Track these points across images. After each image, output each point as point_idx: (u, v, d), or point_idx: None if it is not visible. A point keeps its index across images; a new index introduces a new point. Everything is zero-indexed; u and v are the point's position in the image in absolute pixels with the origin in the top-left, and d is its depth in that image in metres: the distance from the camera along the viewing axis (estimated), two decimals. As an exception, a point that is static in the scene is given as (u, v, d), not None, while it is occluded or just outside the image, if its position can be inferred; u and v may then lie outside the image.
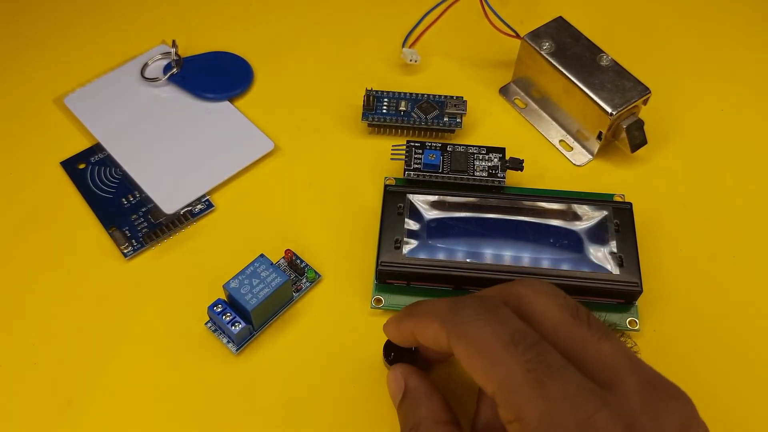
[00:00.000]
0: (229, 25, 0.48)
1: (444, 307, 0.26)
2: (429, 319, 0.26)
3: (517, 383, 0.22)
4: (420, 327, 0.27)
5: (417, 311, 0.27)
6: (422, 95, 0.43)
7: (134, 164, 0.41)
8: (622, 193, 0.39)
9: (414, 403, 0.28)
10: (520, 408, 0.22)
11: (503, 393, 0.22)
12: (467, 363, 0.24)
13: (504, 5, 0.49)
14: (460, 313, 0.25)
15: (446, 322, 0.25)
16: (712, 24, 0.50)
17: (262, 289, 0.33)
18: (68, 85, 0.45)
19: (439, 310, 0.26)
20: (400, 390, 0.29)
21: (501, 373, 0.22)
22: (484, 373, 0.23)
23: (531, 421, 0.21)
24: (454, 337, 0.24)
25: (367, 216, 0.39)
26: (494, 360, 0.23)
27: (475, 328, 0.24)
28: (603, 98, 0.39)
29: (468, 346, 0.24)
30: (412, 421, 0.27)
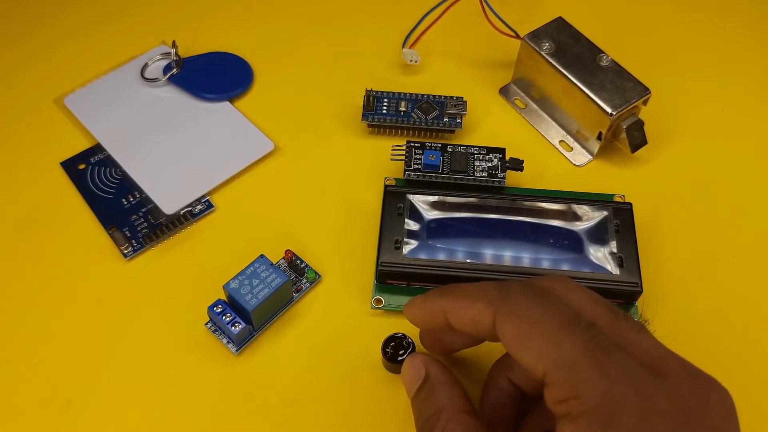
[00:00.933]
0: (229, 25, 0.48)
1: (490, 288, 0.26)
2: (471, 298, 0.26)
3: (575, 362, 0.22)
4: (459, 306, 0.26)
5: (455, 291, 0.27)
6: (422, 95, 0.43)
7: (134, 164, 0.41)
8: (622, 193, 0.39)
9: (435, 390, 0.27)
10: (579, 386, 0.21)
11: (559, 371, 0.22)
12: (516, 343, 0.23)
13: (504, 5, 0.49)
14: (510, 294, 0.25)
15: (494, 302, 0.25)
16: (712, 24, 0.50)
17: (262, 289, 0.33)
18: (68, 85, 0.45)
19: (484, 290, 0.26)
20: (420, 377, 0.28)
21: (557, 351, 0.22)
22: (537, 351, 0.23)
23: (591, 399, 0.21)
24: (504, 317, 0.24)
25: (367, 216, 0.39)
26: (550, 338, 0.23)
27: (527, 308, 0.24)
28: (603, 98, 0.39)
29: (520, 324, 0.24)
30: (433, 407, 0.27)
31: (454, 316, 0.26)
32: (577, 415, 0.21)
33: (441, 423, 0.26)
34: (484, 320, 0.25)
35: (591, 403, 0.21)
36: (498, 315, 0.24)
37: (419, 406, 0.28)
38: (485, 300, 0.25)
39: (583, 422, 0.21)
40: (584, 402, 0.21)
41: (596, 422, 0.21)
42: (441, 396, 0.27)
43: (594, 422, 0.21)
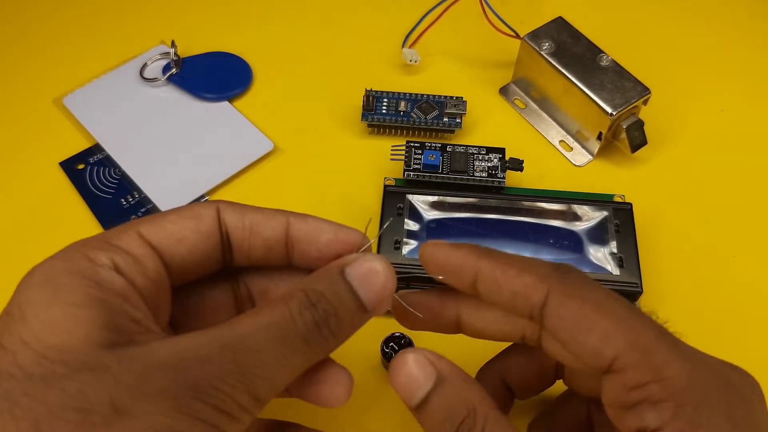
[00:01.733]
0: (229, 25, 0.48)
1: (543, 264, 0.23)
2: (519, 269, 0.23)
3: (652, 344, 0.21)
4: (500, 273, 0.23)
5: (497, 256, 0.24)
6: (422, 95, 0.43)
7: (133, 164, 0.41)
8: (622, 193, 0.39)
9: (460, 389, 0.23)
10: (661, 369, 0.20)
11: (635, 354, 0.20)
12: (577, 324, 0.21)
13: (504, 5, 0.49)
14: (570, 273, 0.23)
15: (548, 278, 0.22)
16: (712, 24, 0.50)
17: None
18: (68, 85, 0.44)
19: (535, 264, 0.23)
20: (430, 378, 0.23)
21: (631, 333, 0.21)
22: (605, 333, 0.21)
23: (677, 382, 0.20)
24: (564, 295, 0.22)
25: (367, 216, 0.39)
26: (620, 320, 0.21)
27: (591, 291, 0.22)
28: (603, 98, 0.39)
29: (584, 304, 0.22)
30: (465, 408, 0.22)
31: (490, 282, 0.23)
32: (661, 399, 0.20)
33: (479, 424, 0.22)
34: (531, 296, 0.22)
35: (678, 385, 0.20)
36: (554, 293, 0.22)
37: (440, 409, 0.23)
38: (536, 274, 0.22)
39: (670, 406, 0.20)
40: (669, 385, 0.20)
41: (686, 405, 0.20)
42: (469, 394, 0.23)
43: (683, 406, 0.20)
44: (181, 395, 0.18)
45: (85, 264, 0.21)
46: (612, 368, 0.21)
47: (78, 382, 0.18)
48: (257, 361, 0.20)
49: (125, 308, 0.20)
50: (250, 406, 0.20)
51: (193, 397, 0.18)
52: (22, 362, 0.18)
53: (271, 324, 0.21)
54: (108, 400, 0.18)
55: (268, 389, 0.20)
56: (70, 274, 0.20)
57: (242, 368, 0.19)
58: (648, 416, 0.20)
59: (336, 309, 0.22)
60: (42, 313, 0.19)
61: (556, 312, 0.22)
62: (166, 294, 0.23)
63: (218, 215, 0.24)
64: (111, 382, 0.18)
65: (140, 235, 0.22)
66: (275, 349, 0.20)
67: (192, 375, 0.19)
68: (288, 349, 0.21)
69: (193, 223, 0.23)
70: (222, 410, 0.19)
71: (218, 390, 0.19)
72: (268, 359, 0.20)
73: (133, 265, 0.21)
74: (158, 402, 0.18)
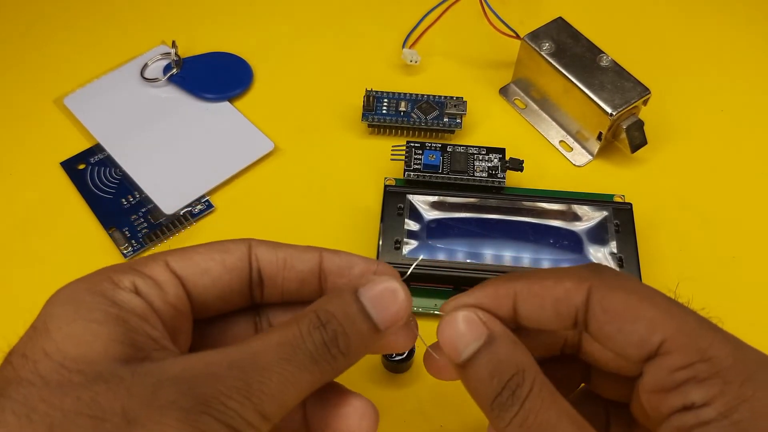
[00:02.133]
0: (229, 25, 0.48)
1: (577, 268, 0.24)
2: (555, 278, 0.23)
3: (695, 327, 0.21)
4: (538, 287, 0.23)
5: (527, 275, 0.24)
6: (422, 96, 0.43)
7: (134, 164, 0.41)
8: (622, 193, 0.39)
9: (511, 348, 0.23)
10: (707, 349, 0.21)
11: (682, 337, 0.21)
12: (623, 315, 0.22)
13: (504, 5, 0.49)
14: (606, 270, 0.23)
15: (587, 279, 0.23)
16: (712, 24, 0.50)
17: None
18: (68, 86, 0.45)
19: (569, 270, 0.24)
20: (481, 335, 0.23)
21: (675, 319, 0.22)
22: (651, 321, 0.21)
23: (724, 360, 0.21)
24: (606, 290, 0.22)
25: (367, 216, 0.39)
26: (664, 309, 0.22)
27: (629, 282, 0.23)
28: (603, 99, 0.39)
29: (628, 296, 0.22)
30: (514, 366, 0.22)
31: (531, 299, 0.23)
32: (707, 377, 0.21)
33: (527, 383, 0.22)
34: (574, 298, 0.22)
35: (724, 363, 0.21)
36: (596, 289, 0.22)
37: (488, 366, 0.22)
38: (574, 278, 0.23)
39: (717, 383, 0.20)
40: (715, 363, 0.21)
41: (732, 382, 0.20)
42: (519, 356, 0.22)
43: (729, 382, 0.20)
44: (191, 409, 0.19)
45: (107, 285, 0.22)
46: (659, 351, 0.21)
47: (93, 392, 0.19)
48: (265, 378, 0.20)
49: (143, 327, 0.21)
50: (258, 422, 0.20)
51: (201, 411, 0.19)
52: (42, 371, 0.19)
53: (281, 343, 0.21)
54: (120, 409, 0.19)
55: (275, 407, 0.20)
56: (92, 294, 0.22)
57: (250, 385, 0.20)
58: (694, 393, 0.20)
59: (346, 329, 0.22)
60: (64, 327, 0.20)
61: (600, 306, 0.22)
62: (187, 321, 0.24)
63: (249, 251, 0.25)
64: (124, 393, 0.19)
65: (167, 263, 0.23)
66: (283, 368, 0.21)
67: (201, 390, 0.19)
68: (296, 367, 0.21)
69: (220, 256, 0.24)
70: (229, 426, 0.19)
71: (226, 406, 0.19)
72: (276, 377, 0.20)
73: (153, 288, 0.22)
74: (168, 414, 0.19)
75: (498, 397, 0.22)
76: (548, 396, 0.22)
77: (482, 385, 0.22)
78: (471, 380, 0.23)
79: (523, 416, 0.21)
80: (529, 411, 0.21)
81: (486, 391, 0.22)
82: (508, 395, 0.22)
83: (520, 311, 0.23)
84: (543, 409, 0.21)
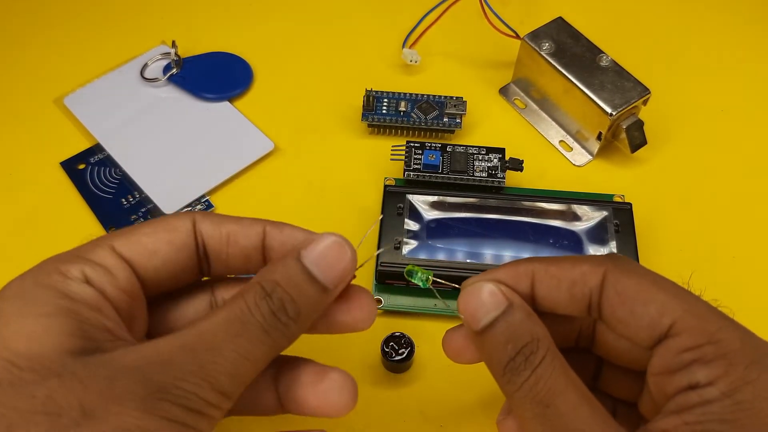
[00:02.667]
0: (229, 25, 0.48)
1: (596, 256, 0.24)
2: (572, 262, 0.24)
3: (705, 312, 0.22)
4: (556, 268, 0.24)
5: (549, 258, 0.25)
6: (422, 95, 0.43)
7: (134, 164, 0.41)
8: (622, 193, 0.39)
9: (527, 318, 0.23)
10: (715, 332, 0.21)
11: (691, 319, 0.22)
12: (635, 297, 0.22)
13: (504, 5, 0.49)
14: (620, 257, 0.24)
15: (603, 263, 0.23)
16: (712, 24, 0.50)
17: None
18: (68, 85, 0.45)
19: (585, 256, 0.25)
20: (500, 304, 0.23)
21: (686, 303, 0.22)
22: (662, 304, 0.22)
23: (730, 343, 0.21)
24: (621, 273, 0.23)
25: (367, 216, 0.39)
26: (675, 293, 0.22)
27: (643, 269, 0.24)
28: (603, 98, 0.39)
29: (640, 280, 0.23)
30: (529, 335, 0.23)
31: (548, 279, 0.24)
32: (713, 359, 0.21)
33: (541, 351, 0.22)
34: (590, 280, 0.23)
35: (731, 346, 0.21)
36: (611, 273, 0.23)
37: (504, 333, 0.23)
38: (590, 262, 0.24)
39: (722, 364, 0.21)
40: (723, 346, 0.21)
41: (738, 365, 0.21)
42: (535, 327, 0.23)
43: (735, 365, 0.21)
44: (148, 397, 0.19)
45: (56, 277, 0.21)
46: (669, 333, 0.22)
47: (46, 388, 0.19)
48: (218, 357, 0.20)
49: (96, 317, 0.21)
50: (218, 401, 0.20)
51: (159, 398, 0.19)
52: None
53: (229, 319, 0.21)
54: (77, 404, 0.18)
55: (233, 384, 0.21)
56: (41, 287, 0.21)
57: (203, 366, 0.20)
58: (699, 373, 0.21)
59: (292, 295, 0.22)
60: (13, 323, 0.20)
61: (614, 289, 0.23)
62: (141, 305, 0.23)
63: (194, 227, 0.24)
64: (79, 387, 0.19)
65: (113, 248, 0.23)
66: (235, 343, 0.21)
67: (157, 377, 0.19)
68: (248, 341, 0.21)
69: (167, 236, 0.23)
70: (189, 408, 0.19)
71: (183, 389, 0.19)
72: (229, 354, 0.21)
73: (104, 276, 0.22)
74: (125, 404, 0.19)
75: (511, 362, 0.22)
76: (559, 366, 0.22)
77: (497, 350, 0.23)
78: (487, 346, 0.23)
79: (533, 381, 0.22)
80: (540, 377, 0.22)
81: (500, 356, 0.23)
82: (521, 360, 0.22)
83: (537, 291, 0.24)
84: (554, 376, 0.22)
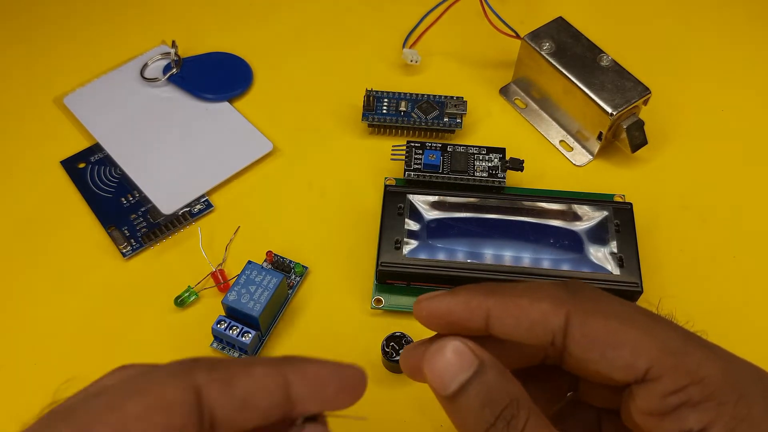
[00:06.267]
0: (229, 25, 0.48)
1: (554, 286, 0.22)
2: (530, 298, 0.22)
3: (682, 347, 0.20)
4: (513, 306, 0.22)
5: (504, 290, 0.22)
6: (422, 95, 0.43)
7: (133, 164, 0.41)
8: (623, 193, 0.39)
9: (501, 377, 0.22)
10: (697, 370, 0.20)
11: (669, 359, 0.20)
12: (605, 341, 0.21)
13: (504, 5, 0.49)
14: (582, 290, 0.22)
15: (564, 301, 0.21)
16: (712, 24, 0.50)
17: (262, 293, 0.33)
18: (68, 85, 0.44)
19: (546, 289, 0.22)
20: (471, 364, 0.21)
21: (660, 341, 0.21)
22: (634, 344, 0.21)
23: (715, 379, 0.20)
24: (585, 315, 0.21)
25: (367, 216, 0.39)
26: (646, 330, 0.21)
27: (608, 305, 0.22)
28: (603, 98, 0.39)
29: (607, 320, 0.21)
30: (506, 396, 0.21)
31: (505, 319, 0.22)
32: (701, 400, 0.20)
33: (522, 415, 0.21)
34: (551, 322, 0.21)
35: (715, 384, 0.20)
36: (575, 314, 0.21)
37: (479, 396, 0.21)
38: (550, 299, 0.22)
39: (712, 405, 0.20)
40: (707, 385, 0.20)
41: (727, 403, 0.20)
42: (511, 386, 0.21)
43: (724, 403, 0.20)
44: None
45: None
46: (647, 377, 0.21)
47: None
48: None
49: None
50: None
51: None
52: None
53: None
54: None
55: None
56: None
57: None
58: (691, 418, 0.20)
59: None
60: None
61: (580, 332, 0.21)
62: None
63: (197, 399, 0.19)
64: None
65: None
66: None
67: None
68: None
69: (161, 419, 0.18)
70: None
71: None
72: None
73: None
74: None
75: (492, 429, 0.21)
76: (544, 427, 0.21)
77: (473, 416, 0.21)
78: (460, 412, 0.21)
79: None
80: None
81: (477, 423, 0.21)
82: (503, 426, 0.21)
83: (492, 328, 0.22)
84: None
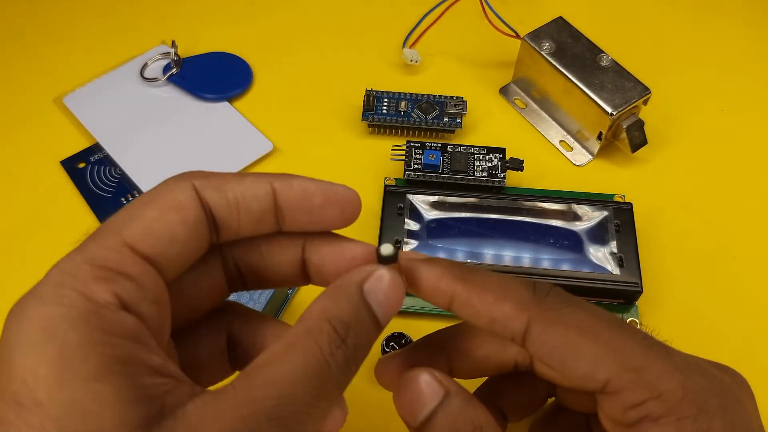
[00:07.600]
0: (229, 25, 0.48)
1: (521, 287, 0.22)
2: (495, 294, 0.22)
3: (643, 361, 0.20)
4: (477, 299, 0.22)
5: (474, 279, 0.22)
6: (422, 95, 0.43)
7: (133, 164, 0.41)
8: (623, 193, 0.39)
9: (468, 405, 0.22)
10: (656, 384, 0.20)
11: (627, 374, 0.20)
12: (563, 352, 0.21)
13: (504, 5, 0.49)
14: (549, 296, 0.22)
15: (529, 306, 0.21)
16: (712, 24, 0.50)
17: (261, 293, 0.33)
18: (68, 85, 0.44)
19: (513, 288, 0.22)
20: (437, 395, 0.22)
21: (619, 354, 0.20)
22: (593, 358, 0.20)
23: (674, 394, 0.20)
24: (547, 324, 0.21)
25: (367, 216, 0.39)
26: (606, 342, 0.20)
27: (571, 314, 0.21)
28: (603, 98, 0.39)
29: (567, 332, 0.21)
30: (470, 424, 0.22)
31: (466, 307, 0.22)
32: (661, 415, 0.20)
33: None
34: (511, 324, 0.21)
35: (674, 398, 0.20)
36: (536, 322, 0.21)
37: (446, 425, 0.22)
38: (514, 301, 0.21)
39: (671, 420, 0.20)
40: (667, 399, 0.20)
41: (686, 418, 0.20)
42: (477, 413, 0.22)
43: (683, 418, 0.20)
44: None
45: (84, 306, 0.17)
46: (606, 390, 0.21)
47: None
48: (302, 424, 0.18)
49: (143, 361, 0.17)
50: None
51: None
52: None
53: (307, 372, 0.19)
54: None
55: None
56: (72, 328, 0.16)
57: None
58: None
59: (362, 339, 0.20)
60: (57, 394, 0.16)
61: (539, 339, 0.21)
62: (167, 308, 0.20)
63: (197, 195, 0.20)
64: None
65: (131, 247, 0.19)
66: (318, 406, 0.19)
67: None
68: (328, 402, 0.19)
69: (177, 217, 0.20)
70: None
71: None
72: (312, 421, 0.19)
73: (136, 292, 0.18)
74: None
75: None
76: None
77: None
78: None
79: None
80: None
81: None
82: None
83: (455, 311, 0.23)
84: None
